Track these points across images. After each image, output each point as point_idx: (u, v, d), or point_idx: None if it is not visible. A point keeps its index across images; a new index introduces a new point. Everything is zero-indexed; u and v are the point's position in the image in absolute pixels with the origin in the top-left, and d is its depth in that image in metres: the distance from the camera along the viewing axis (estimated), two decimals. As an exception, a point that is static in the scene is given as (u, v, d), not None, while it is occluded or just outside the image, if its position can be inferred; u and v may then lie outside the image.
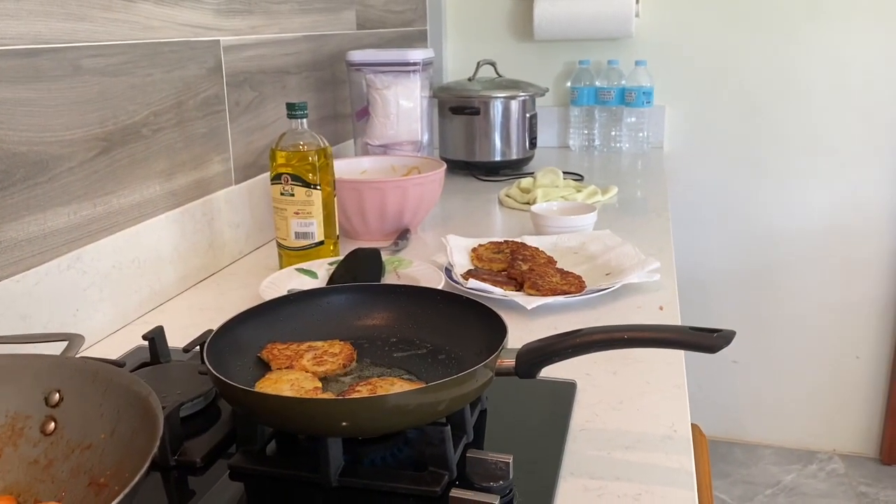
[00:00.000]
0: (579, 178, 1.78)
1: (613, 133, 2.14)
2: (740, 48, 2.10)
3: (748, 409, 2.36)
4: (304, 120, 1.11)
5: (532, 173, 1.73)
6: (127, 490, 0.41)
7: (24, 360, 0.58)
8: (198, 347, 0.78)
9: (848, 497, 2.12)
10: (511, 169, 1.87)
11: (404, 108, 1.59)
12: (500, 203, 1.61)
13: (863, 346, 2.23)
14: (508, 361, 0.66)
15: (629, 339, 0.62)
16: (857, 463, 2.27)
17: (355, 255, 1.10)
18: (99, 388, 0.55)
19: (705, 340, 0.60)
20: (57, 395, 0.56)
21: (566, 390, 0.78)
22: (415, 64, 1.57)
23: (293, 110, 1.10)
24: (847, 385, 2.27)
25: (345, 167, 1.41)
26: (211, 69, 1.18)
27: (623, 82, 2.11)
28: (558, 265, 1.13)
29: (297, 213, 1.12)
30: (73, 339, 0.66)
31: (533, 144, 1.89)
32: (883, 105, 2.05)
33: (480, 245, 1.20)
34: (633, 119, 2.10)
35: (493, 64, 1.95)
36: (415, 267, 1.10)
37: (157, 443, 0.47)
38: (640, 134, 2.11)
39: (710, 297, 2.29)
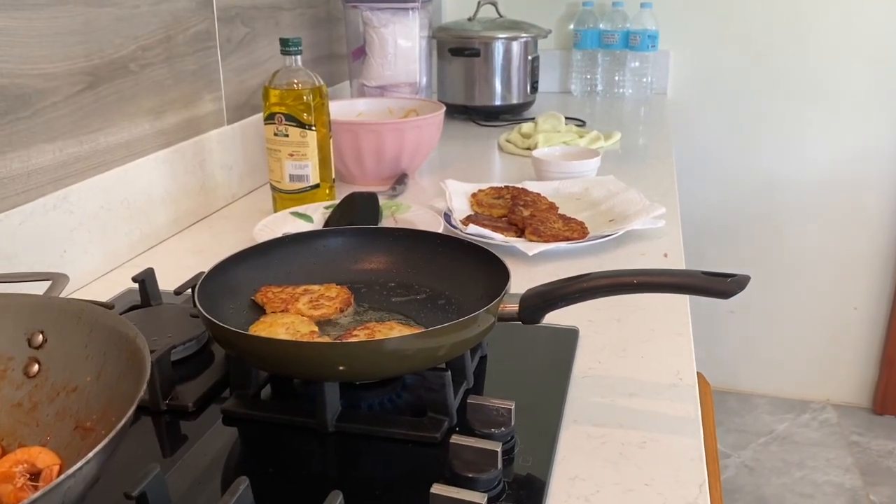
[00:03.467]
0: (581, 123, 1.74)
1: (616, 78, 2.09)
2: (749, -9, 2.04)
3: (743, 358, 2.36)
4: (299, 57, 1.07)
5: (533, 118, 1.68)
6: (112, 434, 0.39)
7: (4, 299, 0.56)
8: (190, 290, 0.75)
9: (839, 446, 2.14)
10: (511, 114, 1.82)
11: (402, 47, 1.53)
12: (500, 148, 1.57)
13: (860, 297, 2.22)
14: (512, 306, 0.64)
15: (639, 284, 0.60)
16: (849, 412, 2.29)
17: (352, 198, 1.07)
18: (84, 330, 0.52)
19: (719, 285, 0.57)
20: (40, 336, 0.54)
21: (568, 337, 0.76)
22: (413, 1, 1.51)
23: (287, 46, 1.06)
24: (843, 336, 2.27)
25: (340, 109, 1.36)
26: (201, 3, 1.13)
27: (628, 25, 2.05)
28: (560, 211, 1.10)
29: (291, 155, 1.09)
30: (57, 279, 0.63)
31: (534, 88, 1.84)
32: (890, 54, 2.00)
33: (480, 190, 1.17)
34: (637, 64, 2.05)
35: (494, 3, 1.88)
36: (413, 212, 1.07)
37: (145, 386, 0.44)
38: (644, 79, 2.06)
39: (709, 247, 2.27)
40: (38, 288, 0.65)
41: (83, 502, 0.41)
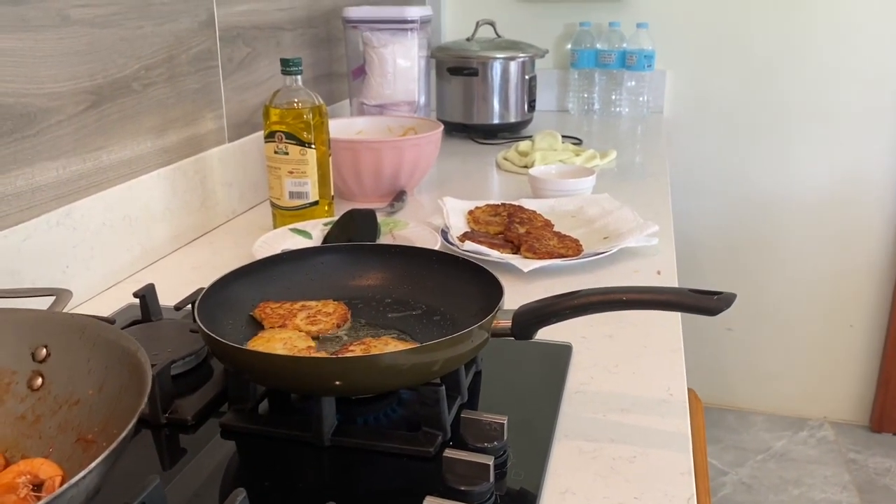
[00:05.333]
0: (578, 141, 1.76)
1: (613, 97, 2.11)
2: (743, 12, 2.07)
3: (741, 376, 2.37)
4: (299, 77, 1.09)
5: (530, 136, 1.70)
6: (113, 446, 0.40)
7: (9, 314, 0.57)
8: (189, 305, 0.77)
9: (837, 463, 2.14)
10: (509, 132, 1.85)
11: (401, 67, 1.56)
12: (498, 166, 1.59)
13: (857, 314, 2.23)
14: (505, 322, 0.65)
15: (628, 301, 0.61)
16: (847, 430, 2.29)
17: (350, 215, 1.08)
18: (87, 344, 0.54)
19: (706, 303, 0.59)
20: (44, 350, 0.55)
21: (562, 353, 0.77)
22: (412, 21, 1.54)
23: (287, 66, 1.08)
24: (840, 353, 2.28)
25: (340, 127, 1.38)
26: (203, 23, 1.15)
27: (624, 45, 2.08)
28: (556, 228, 1.12)
29: (291, 173, 1.10)
30: (61, 294, 0.64)
31: (532, 107, 1.86)
32: (885, 73, 2.02)
33: (477, 207, 1.19)
34: (634, 83, 2.07)
35: (492, 24, 1.91)
36: (411, 228, 1.08)
37: (146, 399, 0.46)
38: (641, 98, 2.08)
39: (706, 264, 2.28)
40: (42, 303, 0.67)
41: (84, 512, 0.43)
